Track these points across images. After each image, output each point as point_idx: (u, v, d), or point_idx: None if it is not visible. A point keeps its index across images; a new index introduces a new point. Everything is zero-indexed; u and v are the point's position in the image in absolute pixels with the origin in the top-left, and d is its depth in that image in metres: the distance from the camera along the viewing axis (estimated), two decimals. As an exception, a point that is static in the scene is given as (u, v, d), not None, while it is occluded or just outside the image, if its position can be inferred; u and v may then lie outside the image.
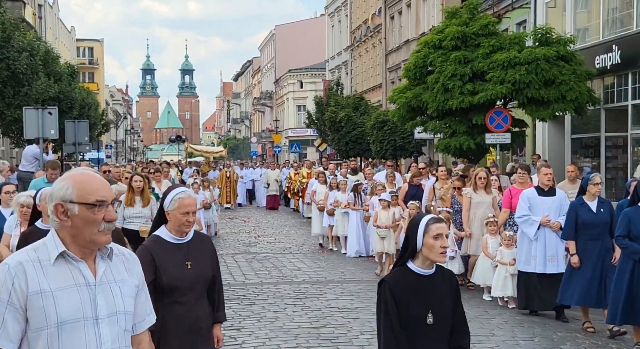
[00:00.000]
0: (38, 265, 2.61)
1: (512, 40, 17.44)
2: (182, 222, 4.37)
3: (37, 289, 2.58)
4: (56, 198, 2.66)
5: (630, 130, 17.36)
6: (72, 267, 2.66)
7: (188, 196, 4.43)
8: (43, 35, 41.01)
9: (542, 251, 8.91)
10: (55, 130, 15.86)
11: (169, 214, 4.40)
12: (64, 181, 2.69)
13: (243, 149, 79.94)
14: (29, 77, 20.32)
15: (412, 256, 3.73)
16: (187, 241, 4.46)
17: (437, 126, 18.34)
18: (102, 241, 2.69)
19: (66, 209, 2.65)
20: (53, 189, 2.69)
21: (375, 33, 41.33)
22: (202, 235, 4.78)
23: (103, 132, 41.27)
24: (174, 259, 4.35)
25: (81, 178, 2.70)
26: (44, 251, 2.66)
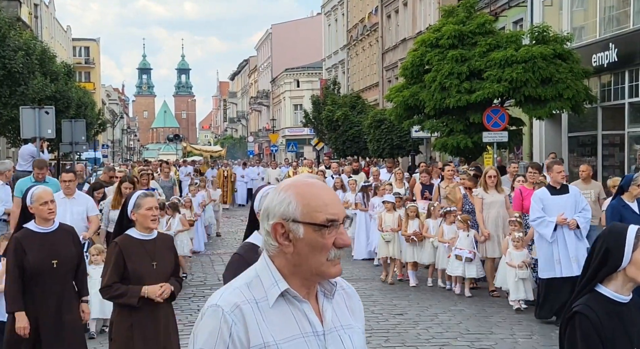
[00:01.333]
0: (256, 308, 2.01)
1: (509, 39, 17.46)
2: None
3: (260, 342, 1.99)
4: (275, 215, 2.03)
5: (627, 128, 17.38)
6: (295, 310, 2.05)
7: None
8: (39, 34, 40.92)
9: (565, 253, 8.32)
10: (52, 130, 15.83)
11: None
12: (284, 193, 2.05)
13: (240, 148, 79.87)
14: (25, 77, 20.25)
15: (605, 277, 2.91)
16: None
17: (434, 125, 18.35)
18: (331, 273, 2.06)
19: (288, 230, 2.02)
20: (269, 203, 2.06)
21: (371, 32, 41.32)
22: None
23: (100, 131, 41.22)
24: None
25: (306, 190, 2.05)
26: (258, 288, 2.04)
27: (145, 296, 4.71)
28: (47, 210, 5.28)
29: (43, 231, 5.32)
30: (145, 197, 4.83)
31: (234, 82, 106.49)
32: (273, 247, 2.05)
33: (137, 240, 4.82)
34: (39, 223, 5.33)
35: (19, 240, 5.27)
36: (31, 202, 5.28)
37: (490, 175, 10.30)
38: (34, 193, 5.30)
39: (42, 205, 5.26)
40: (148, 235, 4.87)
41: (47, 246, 5.26)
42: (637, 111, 17.37)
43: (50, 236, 5.32)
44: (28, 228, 5.34)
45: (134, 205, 4.80)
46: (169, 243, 5.08)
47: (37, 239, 5.27)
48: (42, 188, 5.46)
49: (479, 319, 8.67)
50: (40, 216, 5.30)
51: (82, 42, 74.24)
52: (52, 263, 5.22)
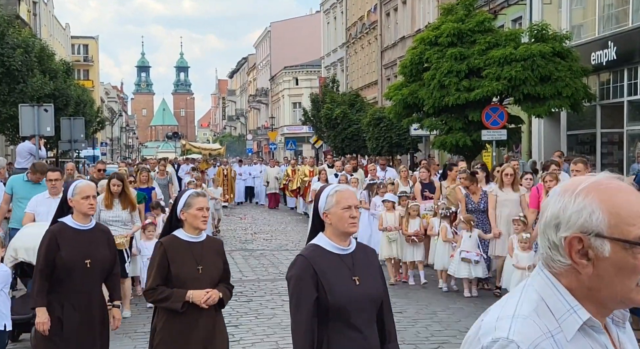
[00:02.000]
0: (554, 345, 1.58)
1: (508, 37, 17.46)
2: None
3: None
4: (571, 226, 1.61)
5: (626, 127, 17.39)
6: (594, 344, 1.63)
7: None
8: (38, 32, 40.87)
9: None
10: (51, 127, 15.83)
11: None
12: (584, 199, 1.60)
13: (239, 146, 79.87)
14: (24, 74, 20.26)
15: None
16: None
17: (433, 123, 18.34)
18: (639, 301, 1.64)
19: (588, 246, 1.59)
20: (562, 211, 1.61)
21: (370, 30, 41.31)
22: None
23: (98, 129, 41.20)
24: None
25: (614, 195, 1.60)
26: (547, 316, 1.61)
27: (190, 301, 4.39)
28: (88, 205, 4.96)
29: (80, 228, 5.02)
30: (197, 196, 4.52)
31: (232, 80, 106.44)
32: (561, 264, 1.63)
33: (183, 241, 4.50)
34: (76, 218, 5.02)
35: (54, 233, 4.97)
36: (72, 195, 4.96)
37: (507, 173, 10.04)
38: (77, 185, 5.02)
39: (83, 199, 4.94)
40: (196, 237, 4.55)
41: (83, 244, 4.97)
42: (636, 109, 17.38)
43: (87, 234, 5.02)
44: (64, 222, 5.02)
45: (184, 204, 4.50)
46: (218, 247, 4.71)
47: (72, 235, 4.97)
48: (86, 182, 5.17)
49: (478, 317, 8.66)
50: (79, 211, 4.99)
51: (81, 40, 74.21)
52: (86, 263, 4.94)
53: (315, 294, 3.39)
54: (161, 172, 15.95)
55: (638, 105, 17.27)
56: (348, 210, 3.53)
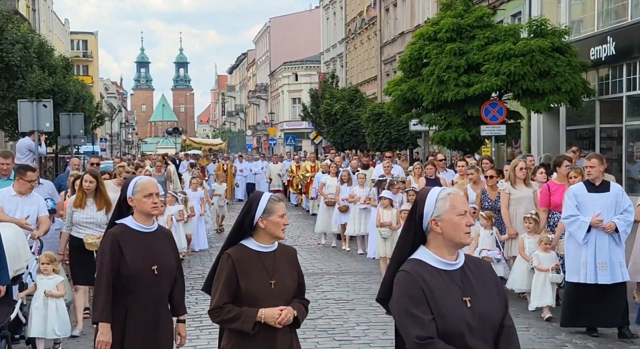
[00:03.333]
0: None
1: (507, 32, 17.47)
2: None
3: None
4: None
5: (624, 122, 17.41)
6: None
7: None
8: (37, 28, 40.85)
9: (593, 259, 7.45)
10: (50, 123, 15.85)
11: None
12: None
13: (238, 142, 79.87)
14: (23, 70, 20.26)
15: None
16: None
17: (433, 118, 18.37)
18: None
19: None
20: None
21: (370, 25, 41.29)
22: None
23: (98, 125, 41.18)
24: None
25: None
26: None
27: (262, 321, 3.81)
28: (152, 204, 4.41)
29: (143, 230, 4.45)
30: (278, 202, 3.96)
31: (232, 76, 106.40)
32: None
33: (253, 252, 3.92)
34: (138, 219, 4.45)
35: (116, 237, 4.38)
36: (132, 193, 4.42)
37: (521, 167, 9.48)
38: (138, 182, 4.47)
39: (146, 197, 4.39)
40: (268, 246, 3.96)
41: (148, 249, 4.41)
42: (634, 104, 17.40)
43: (150, 237, 4.46)
44: (125, 224, 4.44)
45: (264, 210, 3.90)
46: (291, 258, 4.08)
47: (136, 238, 4.40)
48: (147, 178, 4.61)
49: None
50: (142, 211, 4.42)
51: (80, 36, 74.17)
52: (153, 269, 4.38)
53: (430, 316, 2.94)
54: (157, 168, 15.23)
55: (637, 101, 17.28)
56: (464, 217, 3.08)
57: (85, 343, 7.40)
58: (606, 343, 7.47)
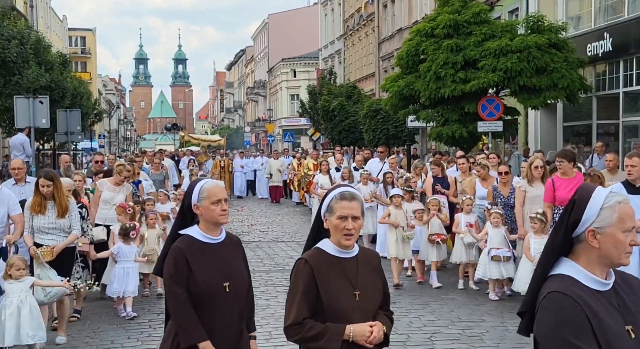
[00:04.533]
0: None
1: (504, 28, 17.46)
2: None
3: None
4: None
5: (621, 118, 17.43)
6: None
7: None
8: (34, 24, 40.79)
9: (637, 266, 6.83)
10: (46, 119, 15.83)
11: None
12: None
13: (237, 138, 79.89)
14: (20, 66, 20.23)
15: None
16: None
17: (430, 114, 18.36)
18: None
19: None
20: None
21: (368, 21, 41.26)
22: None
23: (96, 121, 41.16)
24: None
25: None
26: None
27: (350, 339, 3.24)
28: (221, 211, 3.83)
29: (211, 241, 3.87)
30: (341, 200, 3.35)
31: (230, 72, 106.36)
32: None
33: (333, 258, 3.34)
34: (205, 229, 3.87)
35: (182, 251, 3.78)
36: (198, 199, 3.86)
37: (537, 166, 9.11)
38: (204, 187, 3.89)
39: (214, 204, 3.82)
40: (348, 251, 3.37)
41: (218, 263, 3.83)
42: (631, 100, 17.41)
43: (220, 248, 3.89)
44: (191, 236, 3.85)
45: (327, 207, 3.38)
46: (375, 262, 3.50)
47: (204, 252, 3.83)
48: (214, 182, 4.01)
49: (470, 308, 8.71)
50: (209, 220, 3.84)
51: (78, 32, 74.15)
52: (224, 286, 3.79)
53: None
54: (156, 166, 14.81)
55: (634, 97, 17.29)
56: (629, 234, 2.52)
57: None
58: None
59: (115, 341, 7.53)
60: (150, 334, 7.76)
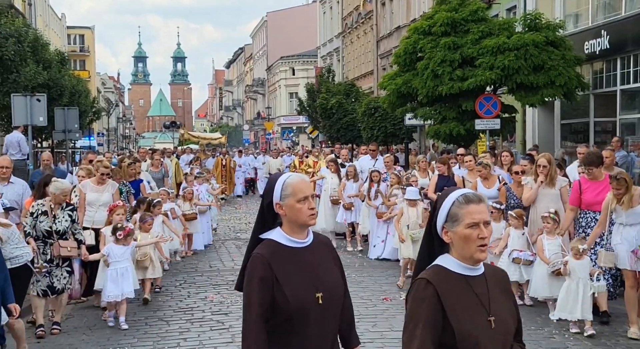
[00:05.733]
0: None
1: (501, 26, 17.47)
2: None
3: None
4: None
5: (618, 116, 17.43)
6: None
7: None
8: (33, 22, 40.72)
9: None
10: (43, 117, 15.80)
11: None
12: None
13: (235, 136, 79.87)
14: (17, 64, 20.22)
15: None
16: None
17: (427, 112, 18.37)
18: None
19: None
20: None
21: (366, 19, 41.24)
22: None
23: (94, 119, 41.13)
24: None
25: None
26: None
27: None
28: (308, 211, 3.22)
29: (298, 246, 3.24)
30: (467, 204, 2.78)
31: (229, 70, 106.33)
32: None
33: (459, 276, 2.78)
34: (289, 231, 3.24)
35: (266, 259, 3.15)
36: (281, 197, 3.23)
37: (540, 164, 8.81)
38: (287, 182, 3.25)
39: (300, 202, 3.20)
40: (476, 267, 2.81)
41: (307, 270, 3.20)
42: (628, 98, 17.42)
43: (308, 253, 3.25)
44: (274, 240, 3.22)
45: (448, 216, 2.83)
46: (505, 283, 2.94)
47: (291, 258, 3.20)
48: (300, 176, 3.34)
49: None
50: (295, 221, 3.22)
51: (77, 30, 74.06)
52: (317, 297, 3.15)
53: None
54: (155, 165, 14.70)
55: (631, 94, 17.31)
56: None
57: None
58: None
59: (111, 338, 7.55)
60: (146, 332, 7.78)
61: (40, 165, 11.84)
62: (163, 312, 8.58)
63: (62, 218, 7.72)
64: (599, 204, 7.77)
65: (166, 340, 7.43)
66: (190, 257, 12.62)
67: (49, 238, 7.63)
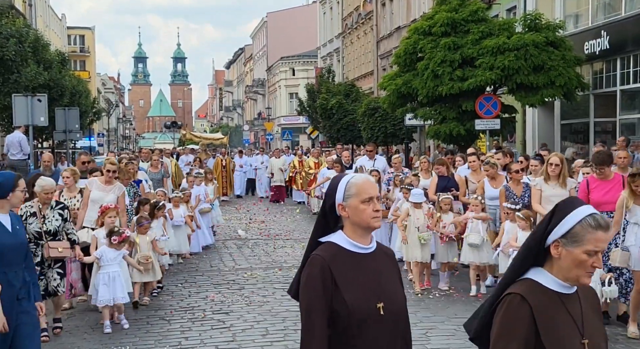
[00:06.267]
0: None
1: (501, 26, 17.52)
2: None
3: None
4: None
5: (618, 116, 17.48)
6: None
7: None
8: (33, 22, 40.78)
9: None
10: (44, 117, 15.85)
11: None
12: None
13: (236, 137, 79.91)
14: (18, 64, 20.28)
15: None
16: None
17: (427, 112, 18.41)
18: None
19: None
20: None
21: (366, 20, 41.28)
22: None
23: (94, 120, 41.18)
24: None
25: None
26: None
27: None
28: (373, 213, 3.01)
29: (361, 251, 3.01)
30: (596, 230, 2.58)
31: (229, 71, 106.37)
32: None
33: (554, 294, 2.62)
34: (352, 235, 3.02)
35: (326, 263, 2.92)
36: (344, 198, 3.02)
37: (552, 163, 8.57)
38: (351, 182, 3.03)
39: (364, 203, 2.99)
40: (568, 285, 2.65)
41: (369, 278, 2.98)
42: (628, 98, 17.46)
43: (371, 260, 3.03)
44: (335, 243, 3.01)
45: (569, 233, 2.60)
46: (595, 301, 2.81)
47: (354, 264, 2.97)
48: (364, 176, 3.12)
49: (465, 304, 8.75)
50: (359, 223, 3.00)
51: (77, 31, 74.16)
52: (378, 307, 2.93)
53: None
54: (154, 165, 14.43)
55: (631, 94, 17.35)
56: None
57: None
58: None
59: (113, 337, 7.57)
60: (147, 331, 7.80)
61: (41, 166, 11.72)
62: (164, 311, 8.60)
63: (52, 218, 7.44)
64: (608, 203, 7.65)
65: (167, 339, 7.46)
66: (191, 257, 12.61)
67: (40, 239, 7.33)
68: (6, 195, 5.38)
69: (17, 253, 5.36)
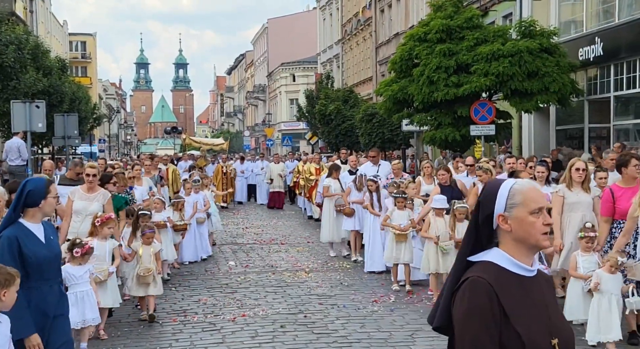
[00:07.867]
0: None
1: (496, 33, 17.65)
2: None
3: None
4: None
5: (612, 122, 17.59)
6: None
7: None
8: (34, 29, 41.02)
9: None
10: (43, 124, 15.98)
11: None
12: None
13: (236, 143, 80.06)
14: (17, 71, 20.43)
15: None
16: None
17: (423, 118, 18.53)
18: None
19: None
20: None
21: (365, 26, 41.47)
22: None
23: (95, 126, 41.32)
24: None
25: None
26: None
27: None
28: (543, 228, 2.60)
29: (527, 274, 2.57)
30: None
31: (230, 77, 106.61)
32: None
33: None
34: (515, 254, 2.58)
35: (492, 286, 2.48)
36: (506, 207, 2.60)
37: (578, 168, 8.07)
38: (515, 188, 2.61)
39: (533, 215, 2.58)
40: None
41: (539, 307, 2.54)
42: (622, 104, 17.58)
43: (536, 285, 2.59)
44: (497, 264, 2.55)
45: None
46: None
47: (521, 289, 2.52)
48: (531, 183, 2.72)
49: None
50: (526, 240, 2.58)
51: (79, 37, 74.50)
52: (553, 345, 2.48)
53: None
54: (147, 171, 14.04)
55: (624, 100, 17.47)
56: None
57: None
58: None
59: (104, 339, 7.69)
60: (139, 333, 7.92)
61: (41, 173, 11.65)
62: (156, 314, 8.71)
63: None
64: None
65: (159, 341, 7.58)
66: (179, 267, 12.02)
67: None
68: (38, 203, 4.93)
69: (52, 266, 5.00)
